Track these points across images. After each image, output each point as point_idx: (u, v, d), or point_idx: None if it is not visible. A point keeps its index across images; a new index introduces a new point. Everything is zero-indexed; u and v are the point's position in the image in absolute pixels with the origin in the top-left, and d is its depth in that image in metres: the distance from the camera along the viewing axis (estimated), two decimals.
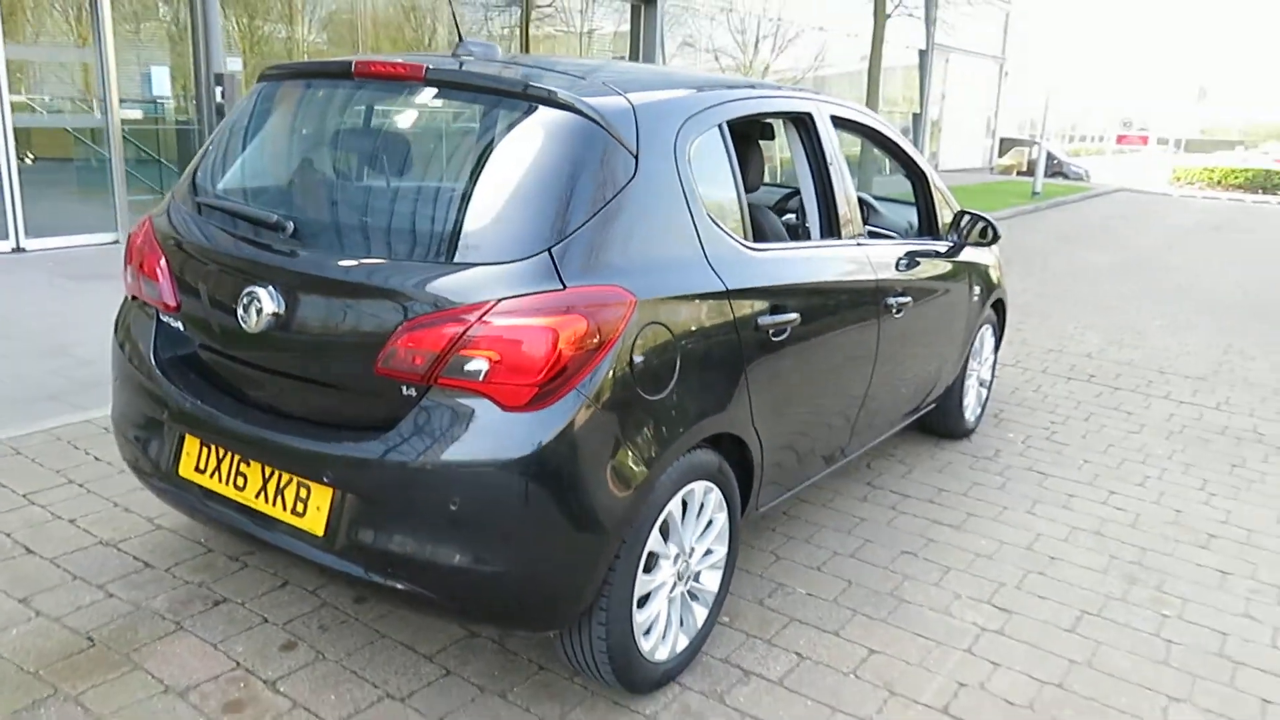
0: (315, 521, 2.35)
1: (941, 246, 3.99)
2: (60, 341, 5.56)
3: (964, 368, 4.53)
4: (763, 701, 2.63)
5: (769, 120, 3.32)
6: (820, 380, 3.12)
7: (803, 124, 3.24)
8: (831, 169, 3.29)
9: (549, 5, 14.11)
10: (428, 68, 2.50)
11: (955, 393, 4.54)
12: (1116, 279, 10.47)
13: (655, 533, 2.45)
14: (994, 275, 4.69)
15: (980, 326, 4.60)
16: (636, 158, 2.40)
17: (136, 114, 9.38)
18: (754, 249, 2.78)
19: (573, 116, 2.34)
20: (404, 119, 2.72)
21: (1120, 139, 29.81)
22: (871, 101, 14.69)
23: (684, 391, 2.44)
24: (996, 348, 5.04)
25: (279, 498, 2.42)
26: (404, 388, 2.23)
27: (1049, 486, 4.30)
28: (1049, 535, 3.80)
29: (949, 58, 23.91)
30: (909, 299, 3.61)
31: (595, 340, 2.20)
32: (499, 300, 2.16)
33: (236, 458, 2.50)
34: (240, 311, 2.39)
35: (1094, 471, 4.52)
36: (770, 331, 2.76)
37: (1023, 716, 2.64)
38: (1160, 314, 8.59)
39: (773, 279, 2.82)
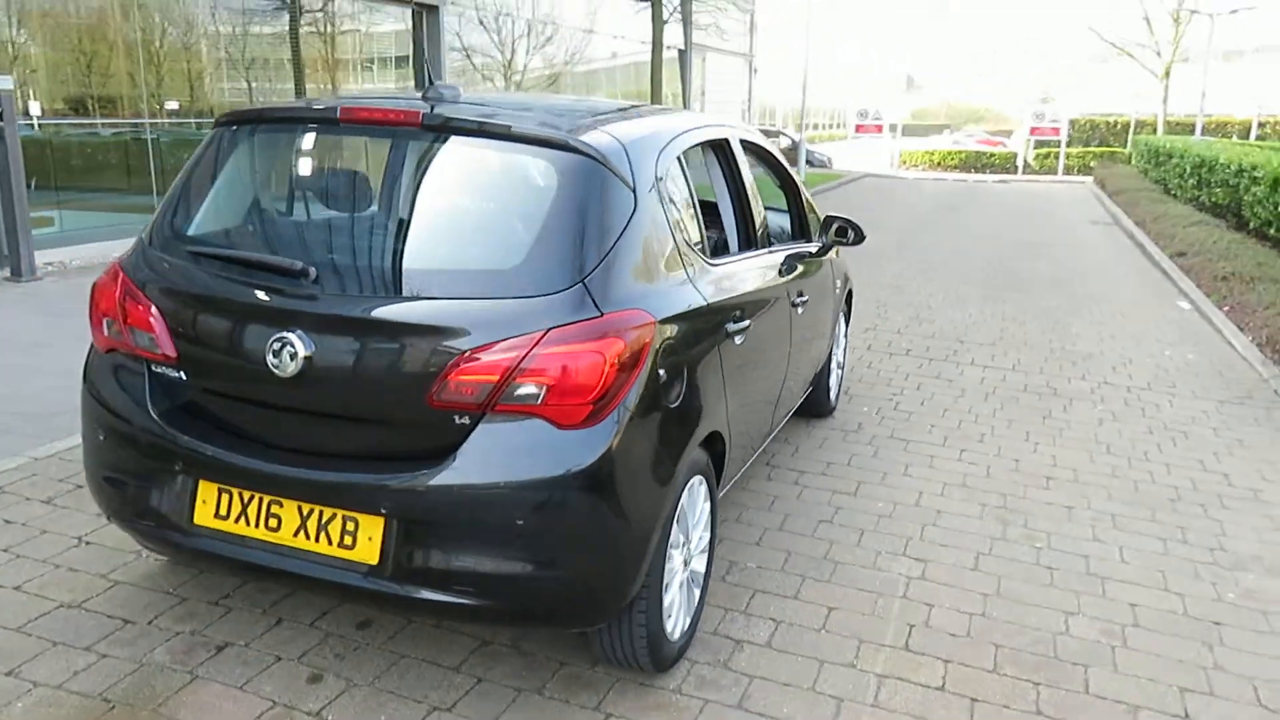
0: (368, 552, 2.47)
1: (814, 247, 4.50)
2: None
3: (830, 351, 5.09)
4: (760, 663, 2.99)
5: (700, 147, 3.67)
6: (761, 372, 3.52)
7: (721, 149, 3.61)
8: (746, 187, 3.68)
9: (320, 10, 13.75)
10: (424, 114, 2.65)
11: (824, 374, 5.09)
12: (889, 260, 11.62)
13: (675, 525, 2.75)
14: (846, 270, 5.28)
15: (839, 314, 5.18)
16: (634, 192, 2.67)
17: None
18: (713, 264, 3.12)
19: (581, 158, 2.59)
20: (409, 162, 2.83)
21: (859, 128, 32.65)
22: (655, 98, 15.35)
23: (691, 398, 2.75)
24: (846, 333, 5.65)
25: (322, 533, 2.51)
26: (457, 416, 2.40)
27: (912, 451, 4.94)
28: (928, 492, 4.40)
29: (705, 56, 25.19)
30: (806, 296, 4.08)
31: (631, 359, 2.47)
32: (548, 330, 2.38)
33: (266, 499, 2.56)
34: (270, 358, 2.46)
35: (942, 434, 5.21)
36: (735, 336, 3.12)
37: (967, 644, 3.15)
38: (937, 290, 9.69)
39: (730, 290, 3.18)
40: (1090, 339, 7.70)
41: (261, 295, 2.54)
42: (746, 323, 3.20)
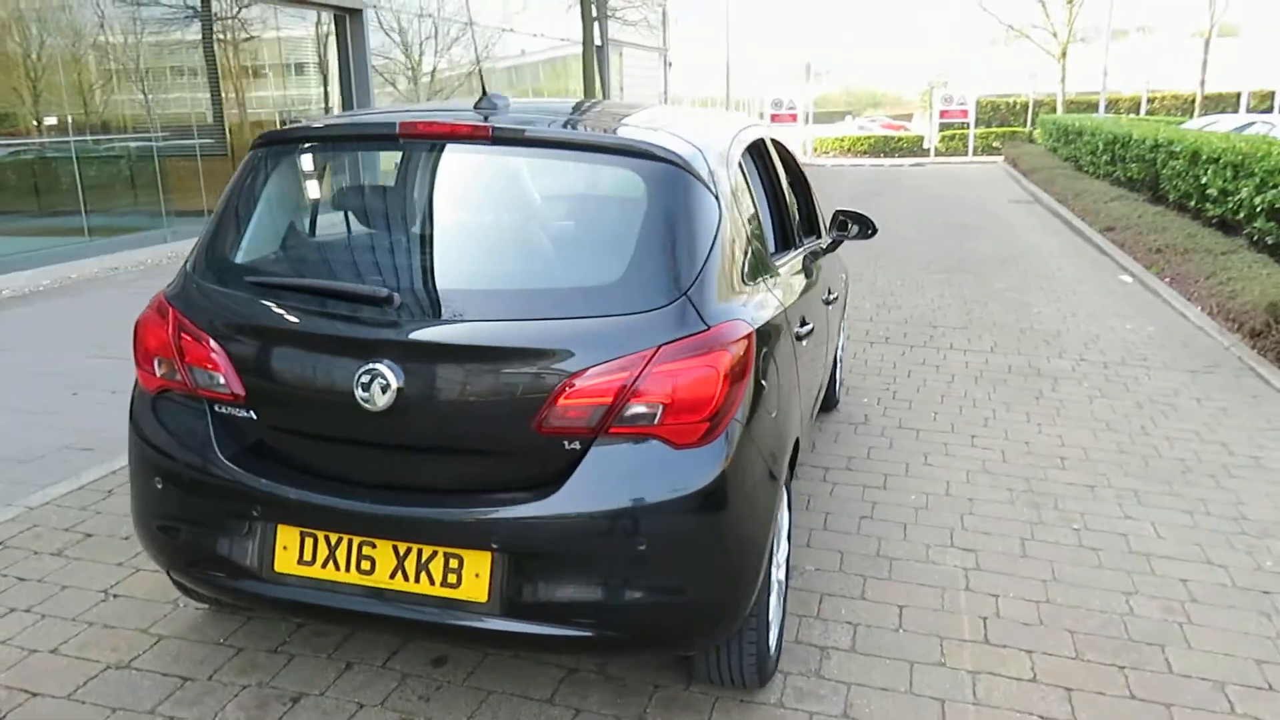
0: (475, 589, 2.34)
1: (825, 242, 4.48)
2: None
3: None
4: (851, 669, 2.95)
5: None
6: (814, 373, 3.48)
7: (759, 148, 3.55)
8: (783, 186, 3.63)
9: (234, 16, 13.24)
10: (494, 127, 2.53)
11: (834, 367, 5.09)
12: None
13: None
14: (845, 263, 5.28)
15: (845, 307, 5.19)
16: (718, 199, 2.59)
17: None
18: (779, 268, 3.06)
19: (667, 166, 2.49)
20: (482, 177, 2.69)
21: (774, 117, 33.06)
22: (589, 92, 15.25)
23: (785, 407, 2.69)
24: (843, 325, 5.66)
25: (422, 573, 2.37)
26: (567, 441, 2.30)
27: (925, 440, 4.96)
28: (954, 481, 4.42)
29: (622, 51, 25.12)
30: (835, 293, 4.06)
31: (739, 372, 2.39)
32: (660, 346, 2.29)
33: (357, 541, 2.41)
34: (359, 391, 2.31)
35: (948, 421, 5.26)
36: (804, 340, 3.07)
37: (1043, 633, 3.16)
38: (894, 276, 9.82)
39: (793, 293, 3.12)
40: (1052, 317, 7.89)
41: (343, 326, 2.38)
42: (810, 325, 3.15)
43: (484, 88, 2.75)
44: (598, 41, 23.37)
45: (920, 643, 3.09)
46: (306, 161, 2.77)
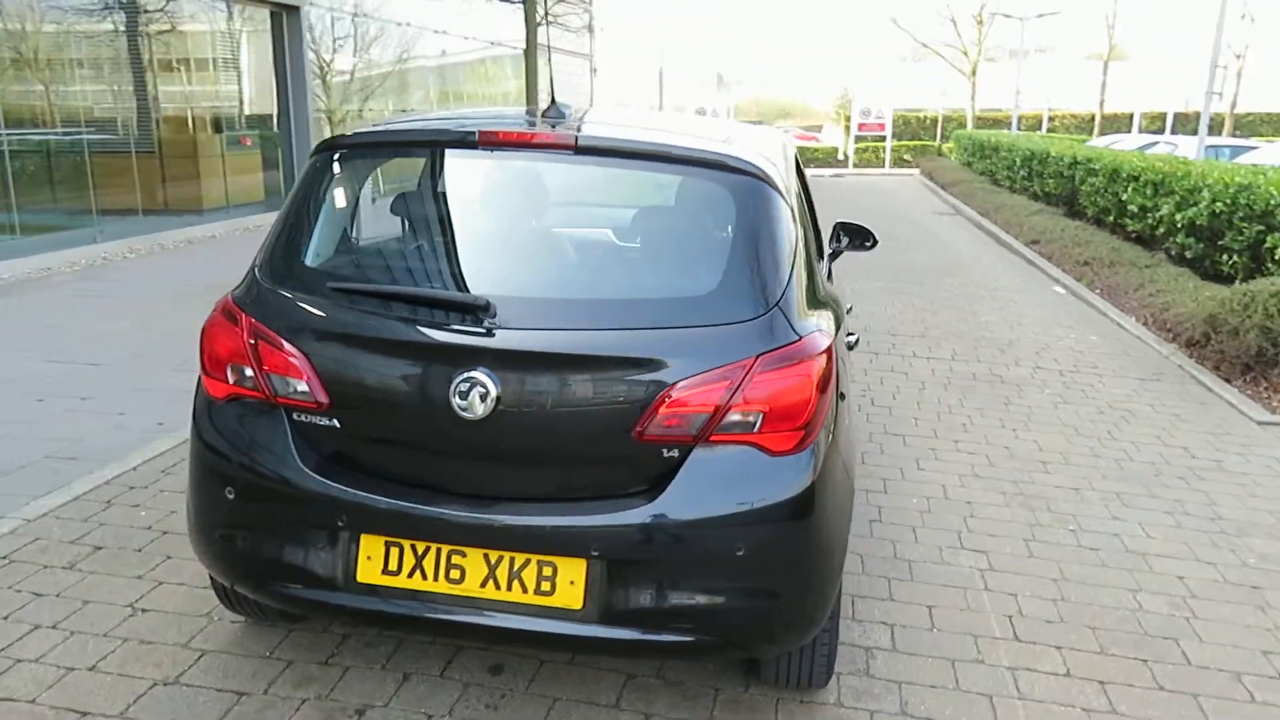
0: (570, 597, 2.36)
1: (828, 252, 4.60)
2: None
3: None
4: (898, 668, 3.05)
5: None
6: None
7: (796, 162, 3.64)
8: (810, 197, 3.72)
9: (160, 10, 12.80)
10: (577, 137, 2.55)
11: None
12: None
13: None
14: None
15: None
16: (793, 211, 2.67)
17: None
18: (829, 279, 3.15)
19: (749, 178, 2.55)
20: (564, 186, 2.71)
21: None
22: (531, 97, 15.18)
23: (849, 415, 2.77)
24: None
25: (515, 582, 2.38)
26: (665, 449, 2.34)
27: (913, 445, 5.13)
28: (949, 485, 4.58)
29: (550, 58, 25.03)
30: (848, 303, 4.18)
31: (825, 382, 2.47)
32: (759, 355, 2.34)
33: (446, 550, 2.41)
34: (456, 400, 2.31)
35: (929, 427, 5.44)
36: (852, 349, 3.16)
37: (1067, 630, 3.32)
38: (842, 285, 10.05)
39: (839, 303, 3.21)
40: (1001, 326, 8.20)
41: (439, 333, 2.38)
42: (855, 336, 3.25)
43: (553, 96, 2.77)
44: (524, 46, 23.33)
45: (956, 641, 3.21)
46: (375, 166, 2.74)
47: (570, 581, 2.36)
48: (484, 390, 2.30)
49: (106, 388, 5.52)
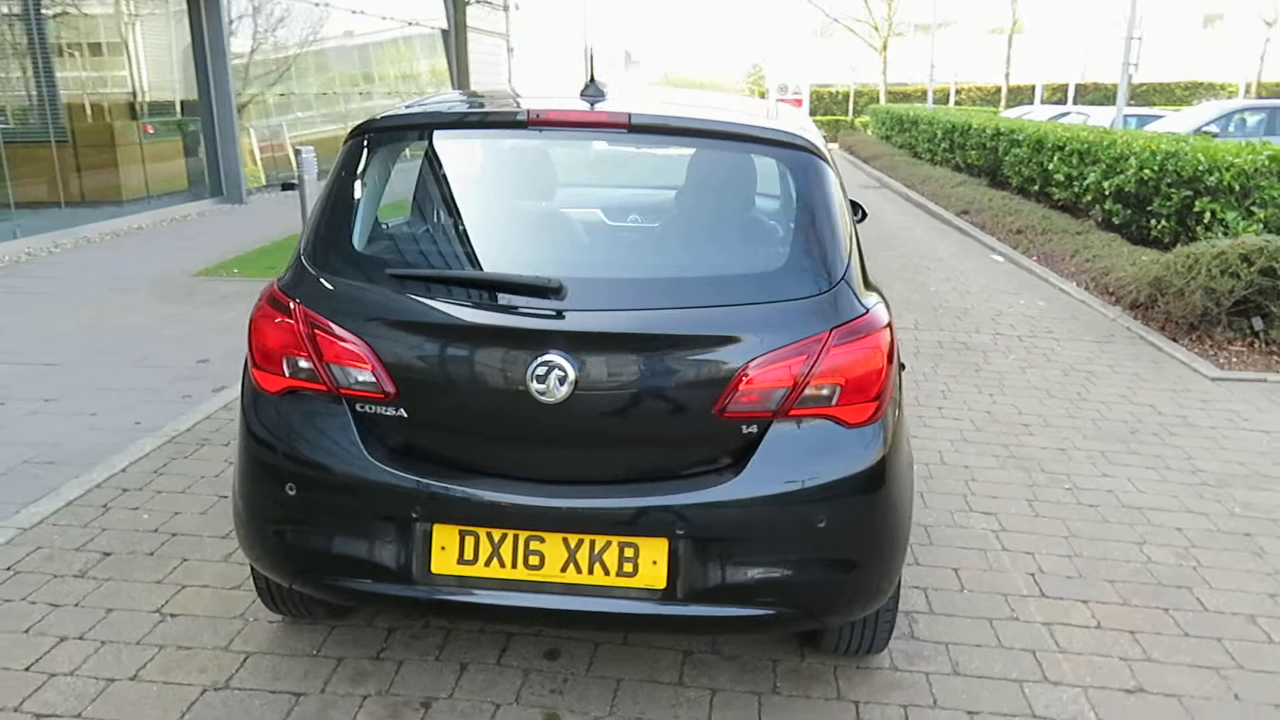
0: (652, 577, 2.36)
1: None
2: None
3: None
4: (940, 630, 3.12)
5: None
6: None
7: None
8: None
9: None
10: (631, 115, 2.52)
11: None
12: None
13: None
14: None
15: None
16: (842, 187, 2.69)
17: None
18: None
19: (807, 155, 2.56)
20: (618, 166, 2.67)
21: None
22: (463, 82, 14.91)
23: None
24: None
25: (596, 565, 2.37)
26: (745, 426, 2.34)
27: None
28: (944, 449, 4.70)
29: (467, 37, 24.60)
30: None
31: (890, 354, 2.50)
32: (833, 329, 2.36)
33: (524, 536, 2.38)
34: (534, 384, 2.28)
35: (910, 394, 5.56)
36: None
37: (1088, 584, 3.44)
38: None
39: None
40: (952, 294, 8.41)
41: (512, 318, 2.33)
42: None
43: (591, 74, 2.73)
44: (444, 25, 22.91)
45: (988, 601, 3.31)
46: (421, 148, 2.67)
47: (653, 562, 2.36)
48: (562, 373, 2.27)
49: (70, 388, 5.27)
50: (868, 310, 2.45)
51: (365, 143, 2.63)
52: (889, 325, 2.50)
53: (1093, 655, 3.01)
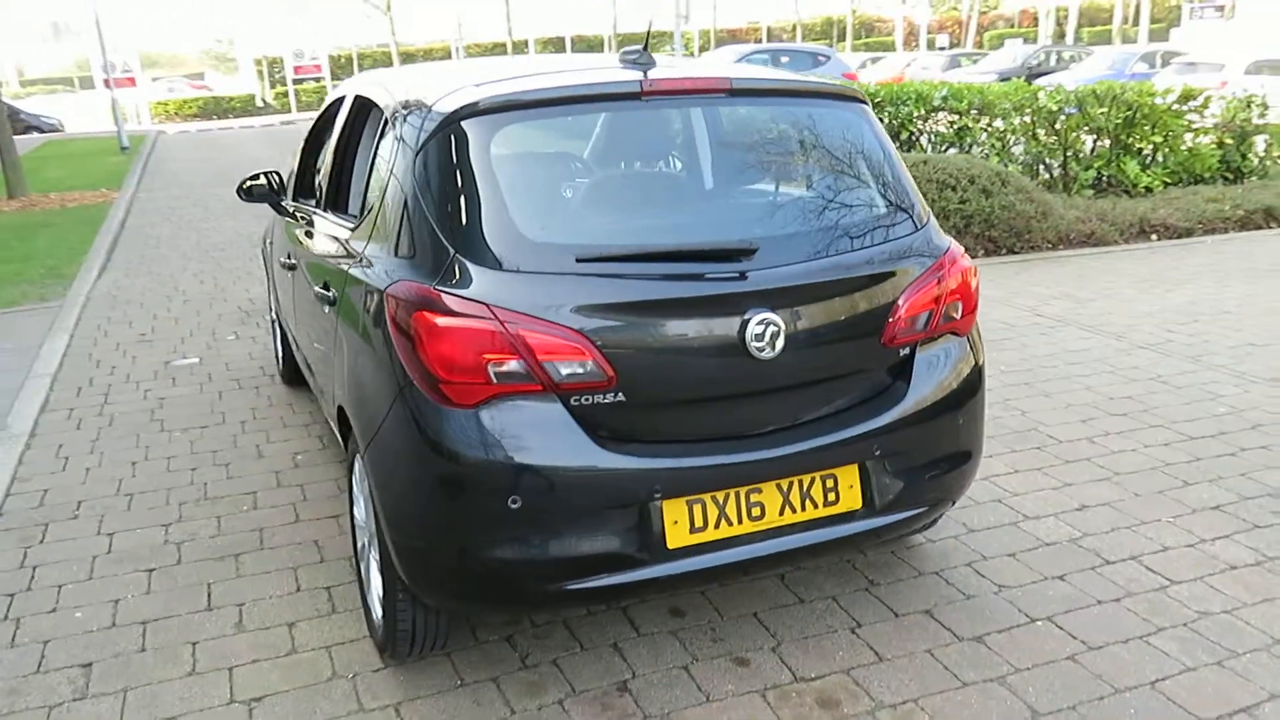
0: (851, 499, 2.61)
1: None
2: None
3: None
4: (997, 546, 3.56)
5: None
6: None
7: None
8: None
9: None
10: (732, 79, 2.67)
11: None
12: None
13: None
14: None
15: None
16: None
17: None
18: None
19: (865, 105, 2.89)
20: (728, 129, 2.75)
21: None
22: None
23: None
24: None
25: (807, 501, 2.56)
26: (902, 350, 2.67)
27: None
28: None
29: None
30: None
31: None
32: (940, 258, 2.75)
33: (744, 491, 2.49)
34: (752, 343, 2.38)
35: None
36: None
37: (1125, 534, 3.43)
38: None
39: None
40: None
41: (715, 284, 2.39)
42: None
43: (646, 43, 2.76)
44: None
45: (1039, 528, 3.45)
46: (518, 128, 2.53)
47: (850, 486, 2.60)
48: (775, 327, 2.40)
49: None
50: (950, 241, 2.86)
51: (472, 128, 2.44)
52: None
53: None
